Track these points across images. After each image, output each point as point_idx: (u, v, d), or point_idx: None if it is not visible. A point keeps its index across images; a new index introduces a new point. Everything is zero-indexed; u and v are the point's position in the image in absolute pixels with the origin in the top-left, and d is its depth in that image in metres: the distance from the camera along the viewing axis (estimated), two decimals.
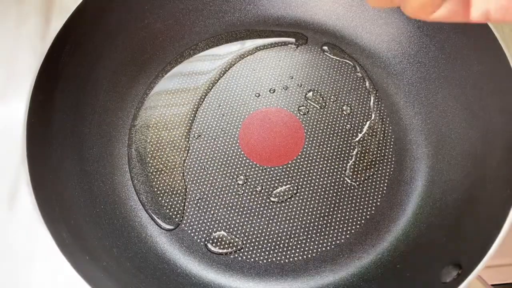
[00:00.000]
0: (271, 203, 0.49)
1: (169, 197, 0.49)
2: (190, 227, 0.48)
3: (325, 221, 0.48)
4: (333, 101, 0.54)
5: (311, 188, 0.49)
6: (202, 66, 0.56)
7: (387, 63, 0.55)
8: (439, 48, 0.50)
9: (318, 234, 0.47)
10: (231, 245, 0.47)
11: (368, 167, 0.50)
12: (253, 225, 0.48)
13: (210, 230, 0.47)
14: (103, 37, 0.50)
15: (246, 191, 0.49)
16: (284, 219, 0.48)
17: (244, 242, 0.47)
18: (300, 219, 0.48)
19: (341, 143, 0.52)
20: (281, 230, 0.47)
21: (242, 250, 0.47)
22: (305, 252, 0.46)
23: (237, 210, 0.48)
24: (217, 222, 0.48)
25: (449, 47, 0.49)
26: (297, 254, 0.46)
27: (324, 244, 0.47)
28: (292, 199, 0.49)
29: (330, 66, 0.56)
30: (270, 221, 0.48)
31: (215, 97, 0.55)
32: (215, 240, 0.47)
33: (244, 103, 0.54)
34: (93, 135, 0.49)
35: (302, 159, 0.51)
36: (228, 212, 0.48)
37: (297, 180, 0.50)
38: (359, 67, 0.56)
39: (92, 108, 0.49)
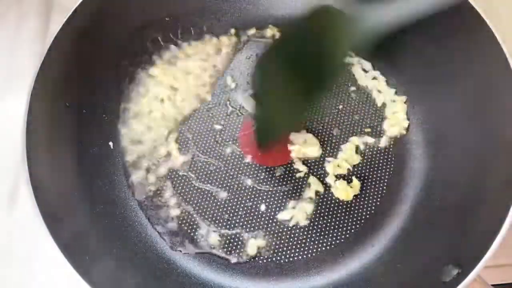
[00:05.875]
0: (273, 202, 0.49)
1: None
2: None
3: (325, 221, 0.48)
4: (333, 101, 0.54)
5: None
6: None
7: (388, 63, 0.55)
8: (439, 48, 0.50)
9: (318, 234, 0.47)
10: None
11: (369, 166, 0.50)
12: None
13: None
14: (102, 37, 0.50)
15: (246, 190, 0.49)
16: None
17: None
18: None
19: (341, 142, 0.52)
20: (281, 230, 0.47)
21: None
22: (305, 252, 0.46)
23: (237, 210, 0.48)
24: (217, 222, 0.48)
25: (450, 48, 0.49)
26: (297, 254, 0.46)
27: (324, 244, 0.47)
28: (293, 195, 0.49)
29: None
30: (270, 221, 0.48)
31: (215, 97, 0.55)
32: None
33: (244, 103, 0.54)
34: (93, 135, 0.49)
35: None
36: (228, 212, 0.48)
37: (297, 180, 0.50)
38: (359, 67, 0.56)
39: (92, 108, 0.49)
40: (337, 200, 0.49)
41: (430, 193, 0.48)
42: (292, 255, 0.46)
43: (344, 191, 0.48)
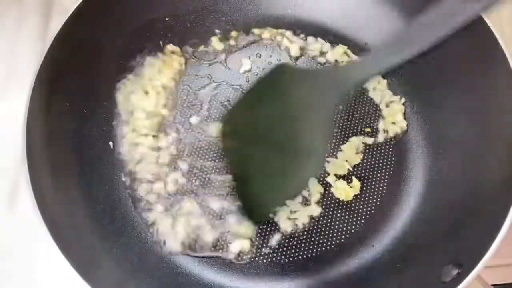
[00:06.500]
0: None
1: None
2: None
3: (325, 221, 0.48)
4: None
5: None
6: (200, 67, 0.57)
7: None
8: (439, 48, 0.50)
9: (318, 234, 0.47)
10: None
11: (369, 166, 0.50)
12: None
13: None
14: (102, 37, 0.50)
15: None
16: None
17: None
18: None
19: (341, 142, 0.52)
20: (274, 228, 0.47)
21: None
22: (305, 252, 0.46)
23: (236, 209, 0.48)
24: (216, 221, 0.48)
25: (449, 48, 0.49)
26: (297, 254, 0.46)
27: (324, 244, 0.47)
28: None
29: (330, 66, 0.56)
30: (270, 221, 0.48)
31: (214, 97, 0.55)
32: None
33: None
34: (93, 135, 0.49)
35: None
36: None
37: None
38: None
39: (92, 108, 0.49)
40: (337, 200, 0.49)
41: (430, 193, 0.48)
42: (292, 255, 0.46)
43: (344, 191, 0.48)
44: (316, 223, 0.47)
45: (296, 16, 0.58)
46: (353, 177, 0.49)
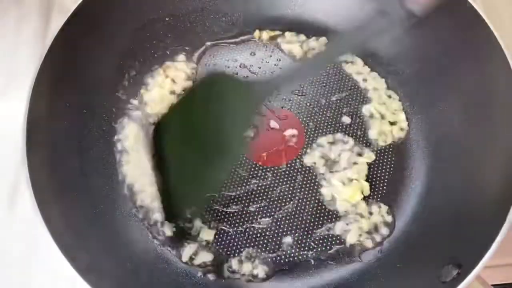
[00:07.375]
0: (271, 203, 0.49)
1: None
2: None
3: (325, 221, 0.48)
4: (333, 101, 0.54)
5: (311, 187, 0.49)
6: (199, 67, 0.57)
7: (387, 63, 0.55)
8: (440, 48, 0.50)
9: (318, 234, 0.47)
10: None
11: (369, 167, 0.50)
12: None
13: None
14: (103, 37, 0.50)
15: (246, 191, 0.49)
16: (284, 218, 0.48)
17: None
18: (300, 218, 0.48)
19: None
20: (281, 230, 0.47)
21: None
22: (305, 252, 0.46)
23: (236, 210, 0.48)
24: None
25: (450, 48, 0.49)
26: (297, 254, 0.46)
27: (324, 244, 0.47)
28: (292, 198, 0.49)
29: (330, 66, 0.56)
30: (270, 221, 0.48)
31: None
32: None
33: None
34: (93, 136, 0.49)
35: (302, 159, 0.51)
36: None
37: (297, 180, 0.50)
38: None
39: (92, 108, 0.49)
40: None
41: (430, 193, 0.48)
42: (292, 255, 0.46)
43: (353, 194, 0.48)
44: (316, 223, 0.47)
45: (296, 16, 0.58)
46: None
